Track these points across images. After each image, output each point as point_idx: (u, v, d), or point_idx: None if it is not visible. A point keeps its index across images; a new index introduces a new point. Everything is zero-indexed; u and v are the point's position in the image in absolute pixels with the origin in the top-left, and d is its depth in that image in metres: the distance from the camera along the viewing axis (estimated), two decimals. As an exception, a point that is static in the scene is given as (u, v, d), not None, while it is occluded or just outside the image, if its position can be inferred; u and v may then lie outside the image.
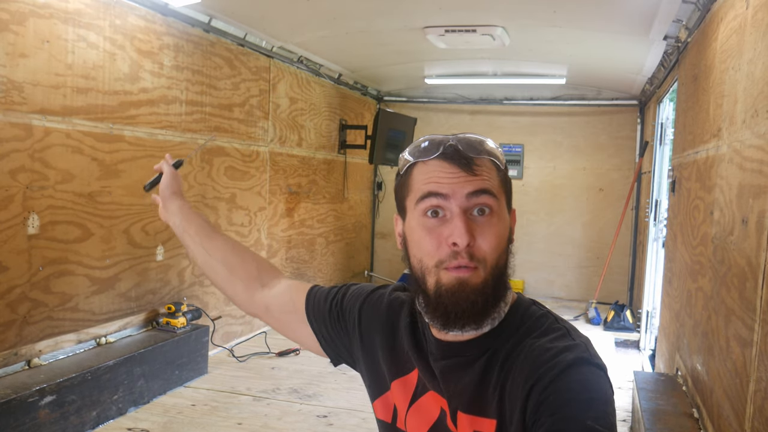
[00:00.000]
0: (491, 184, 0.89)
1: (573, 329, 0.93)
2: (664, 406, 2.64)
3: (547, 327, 0.91)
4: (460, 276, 0.87)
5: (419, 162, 0.91)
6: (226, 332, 4.30)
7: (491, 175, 0.90)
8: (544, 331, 0.91)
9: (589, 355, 0.86)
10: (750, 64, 1.95)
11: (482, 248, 0.87)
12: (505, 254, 0.91)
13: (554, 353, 0.85)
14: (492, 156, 0.91)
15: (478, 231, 0.87)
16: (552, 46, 4.75)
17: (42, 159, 2.80)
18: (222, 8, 3.78)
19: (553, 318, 0.94)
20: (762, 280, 1.65)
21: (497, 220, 0.89)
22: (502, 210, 0.91)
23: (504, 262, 0.91)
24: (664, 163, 4.61)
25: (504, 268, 0.91)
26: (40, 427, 2.60)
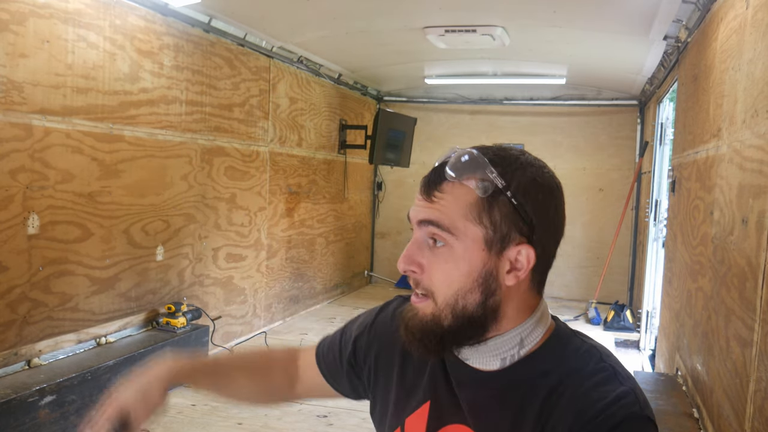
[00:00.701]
0: (445, 215, 0.80)
1: (620, 367, 0.83)
2: (664, 406, 2.64)
3: (593, 366, 0.81)
4: (413, 302, 0.84)
5: None
6: (226, 332, 4.30)
7: (454, 206, 0.80)
8: (591, 372, 0.81)
9: (640, 407, 0.77)
10: (750, 64, 1.95)
11: (430, 279, 0.81)
12: (473, 296, 0.80)
13: (604, 404, 0.76)
14: (476, 182, 0.79)
15: (430, 261, 0.81)
16: (552, 46, 4.75)
17: (42, 159, 2.80)
18: (222, 8, 3.78)
19: (598, 354, 0.83)
20: (762, 280, 1.65)
21: (451, 256, 0.80)
22: (465, 246, 0.80)
23: (472, 303, 0.81)
24: (664, 163, 4.61)
25: (475, 311, 0.81)
26: (40, 427, 2.60)
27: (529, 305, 0.85)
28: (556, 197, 0.86)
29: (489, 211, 0.80)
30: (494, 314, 0.82)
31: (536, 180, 0.83)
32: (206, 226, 4.03)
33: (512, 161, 0.83)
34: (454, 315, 0.81)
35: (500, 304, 0.82)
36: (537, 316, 0.85)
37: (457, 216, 0.80)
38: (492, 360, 0.84)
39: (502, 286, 0.81)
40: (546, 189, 0.84)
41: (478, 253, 0.80)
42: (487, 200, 0.79)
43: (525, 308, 0.84)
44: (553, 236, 0.86)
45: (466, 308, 0.81)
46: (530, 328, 0.84)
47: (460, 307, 0.81)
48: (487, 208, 0.80)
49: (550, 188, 0.85)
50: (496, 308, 0.82)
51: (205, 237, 4.03)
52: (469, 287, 0.81)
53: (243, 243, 4.46)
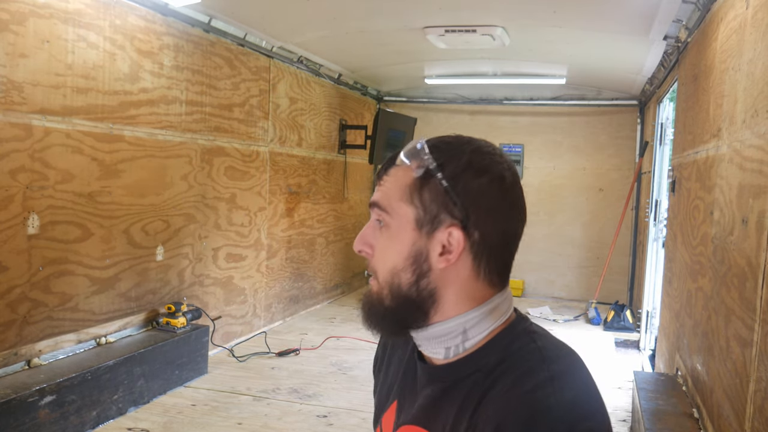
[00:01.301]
0: (385, 197, 0.84)
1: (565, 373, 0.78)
2: (664, 406, 2.64)
3: (527, 369, 0.78)
4: (369, 283, 0.88)
5: None
6: (226, 332, 4.30)
7: (393, 187, 0.83)
8: (522, 375, 0.77)
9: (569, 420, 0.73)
10: (750, 64, 1.95)
11: (375, 259, 0.85)
12: (405, 275, 0.82)
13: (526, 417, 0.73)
14: (414, 163, 0.82)
15: (377, 242, 0.85)
16: (552, 46, 4.75)
17: (42, 159, 2.80)
18: (222, 8, 3.78)
19: (541, 357, 0.79)
20: (762, 280, 1.65)
21: (387, 234, 0.84)
22: (398, 225, 0.83)
23: (405, 282, 0.82)
24: (664, 163, 4.61)
25: (409, 290, 0.82)
26: (40, 427, 2.60)
27: (473, 295, 0.83)
28: (500, 184, 0.82)
29: (420, 191, 0.81)
30: (431, 297, 0.83)
31: (472, 164, 0.81)
32: (206, 226, 4.03)
33: (453, 147, 0.83)
34: (392, 294, 0.83)
35: (436, 287, 0.83)
36: (485, 308, 0.84)
37: (394, 196, 0.83)
38: (437, 347, 0.85)
39: (435, 269, 0.82)
40: (485, 174, 0.81)
41: (410, 233, 0.82)
42: (419, 181, 0.81)
43: (468, 298, 0.83)
44: (497, 223, 0.82)
45: (400, 287, 0.83)
46: (475, 319, 0.83)
47: (395, 286, 0.83)
48: (418, 189, 0.82)
49: (491, 174, 0.82)
50: (432, 291, 0.83)
51: (205, 237, 4.03)
52: (402, 266, 0.83)
53: (243, 243, 4.46)
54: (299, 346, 4.37)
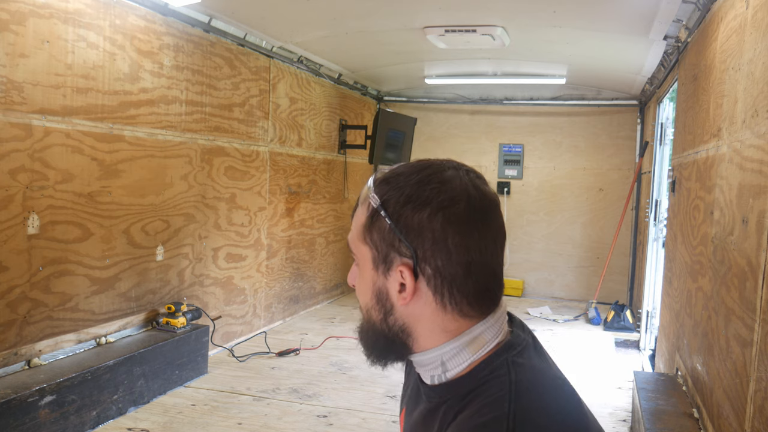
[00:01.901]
0: (351, 236, 0.86)
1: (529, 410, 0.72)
2: (664, 406, 2.64)
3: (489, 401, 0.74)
4: None
5: None
6: (226, 332, 4.30)
7: (355, 227, 0.85)
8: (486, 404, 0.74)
9: None
10: (750, 64, 1.95)
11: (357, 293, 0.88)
12: (375, 310, 0.83)
13: None
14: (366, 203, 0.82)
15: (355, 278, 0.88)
16: (552, 46, 4.75)
17: (42, 159, 2.80)
18: (222, 8, 3.78)
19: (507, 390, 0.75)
20: (762, 280, 1.65)
21: (359, 273, 0.86)
22: (363, 265, 0.84)
23: (375, 318, 0.83)
24: (664, 163, 4.61)
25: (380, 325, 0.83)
26: (40, 427, 2.60)
27: (446, 329, 0.80)
28: (445, 216, 0.76)
29: (370, 231, 0.80)
30: (403, 332, 0.82)
31: (411, 198, 0.77)
32: (206, 226, 4.03)
33: (398, 180, 0.79)
34: (369, 328, 0.85)
35: (405, 323, 0.81)
36: (462, 340, 0.80)
37: (355, 237, 0.84)
38: (424, 373, 0.86)
39: (397, 306, 0.81)
40: (425, 208, 0.76)
41: (370, 272, 0.82)
42: (369, 220, 0.80)
43: (440, 330, 0.80)
44: (451, 255, 0.77)
45: (374, 323, 0.84)
46: (452, 351, 0.80)
47: (371, 322, 0.85)
48: (369, 228, 0.81)
49: (431, 207, 0.76)
50: (402, 327, 0.82)
51: (205, 237, 4.03)
52: (371, 304, 0.84)
53: (243, 243, 4.46)
54: (299, 346, 4.37)
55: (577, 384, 0.83)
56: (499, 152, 6.69)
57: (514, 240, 6.60)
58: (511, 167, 6.66)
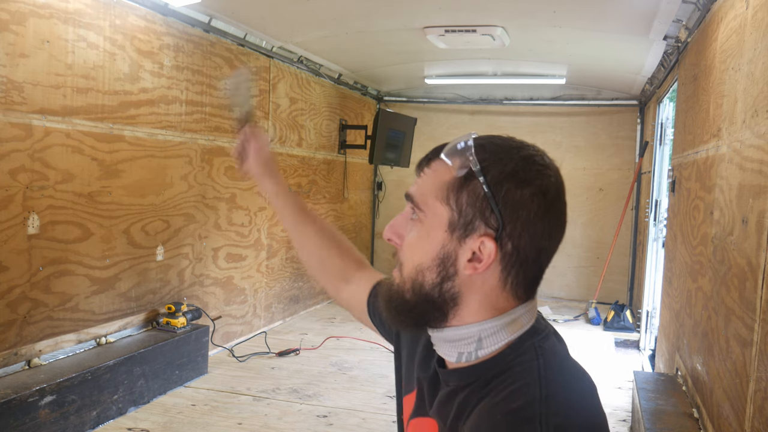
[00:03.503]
0: (420, 191, 0.81)
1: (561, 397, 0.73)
2: (664, 406, 2.64)
3: (519, 386, 0.74)
4: (394, 271, 0.86)
5: None
6: (226, 332, 4.30)
7: (430, 182, 0.80)
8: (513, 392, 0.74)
9: None
10: (750, 64, 1.95)
11: (403, 251, 0.84)
12: (429, 275, 0.80)
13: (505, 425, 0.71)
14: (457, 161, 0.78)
15: (405, 233, 0.84)
16: (552, 46, 4.75)
17: (42, 159, 2.80)
18: (222, 8, 3.78)
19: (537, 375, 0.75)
20: (762, 280, 1.65)
21: (417, 229, 0.82)
22: (430, 223, 0.80)
23: (428, 282, 0.80)
24: (664, 163, 4.61)
25: (430, 291, 0.80)
26: (40, 427, 2.60)
27: (496, 305, 0.80)
28: (544, 198, 0.78)
29: (457, 193, 0.78)
30: (453, 301, 0.80)
31: (518, 173, 0.77)
32: (206, 226, 4.03)
33: (500, 150, 0.78)
34: (413, 290, 0.81)
35: (459, 292, 0.80)
36: (504, 319, 0.80)
37: (429, 193, 0.80)
38: (450, 350, 0.83)
39: (461, 274, 0.79)
40: (529, 186, 0.77)
41: (440, 233, 0.79)
42: (458, 182, 0.77)
43: (490, 307, 0.80)
44: (533, 238, 0.78)
45: (423, 286, 0.80)
46: (493, 329, 0.80)
47: (418, 283, 0.81)
48: (456, 190, 0.78)
49: (535, 187, 0.77)
50: (455, 295, 0.80)
51: (205, 237, 4.03)
52: (428, 265, 0.80)
53: (243, 243, 4.46)
54: (299, 346, 4.37)
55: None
56: (499, 152, 6.68)
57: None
58: (511, 167, 6.65)
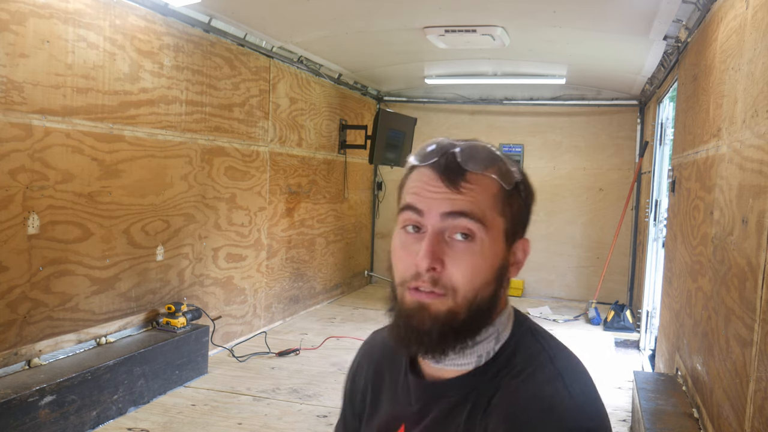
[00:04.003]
0: (477, 207, 0.78)
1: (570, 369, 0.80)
2: (664, 406, 2.64)
3: (536, 367, 0.80)
4: (420, 300, 0.79)
5: (416, 166, 0.83)
6: (226, 332, 4.30)
7: (483, 197, 0.79)
8: (532, 372, 0.79)
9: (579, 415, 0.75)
10: (750, 64, 1.95)
11: (452, 276, 0.78)
12: (491, 287, 0.81)
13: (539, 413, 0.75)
14: (498, 173, 0.80)
15: (451, 256, 0.78)
16: (552, 46, 4.75)
17: (42, 159, 2.80)
18: (222, 8, 3.78)
19: (548, 356, 0.82)
20: (762, 280, 1.65)
21: (479, 249, 0.78)
22: (492, 238, 0.80)
23: (487, 295, 0.80)
24: (664, 163, 4.61)
25: (488, 303, 0.81)
26: (40, 427, 2.60)
27: (504, 299, 0.86)
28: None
29: (509, 203, 0.82)
30: (497, 306, 0.84)
31: (528, 186, 0.86)
32: (206, 226, 4.03)
33: (513, 162, 0.85)
34: (470, 309, 0.79)
35: (502, 295, 0.84)
36: (509, 310, 0.87)
37: (486, 207, 0.79)
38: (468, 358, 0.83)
39: (506, 279, 0.84)
40: (534, 197, 0.88)
41: (500, 245, 0.82)
42: (508, 193, 0.81)
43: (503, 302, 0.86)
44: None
45: (482, 301, 0.80)
46: (504, 322, 0.85)
47: (477, 301, 0.80)
48: (507, 201, 0.81)
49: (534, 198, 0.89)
50: (498, 300, 0.84)
51: (205, 237, 4.03)
52: (489, 280, 0.80)
53: (243, 243, 4.46)
54: (299, 346, 4.37)
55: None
56: (499, 152, 6.68)
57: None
58: (511, 167, 6.65)
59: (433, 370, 0.87)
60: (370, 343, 1.03)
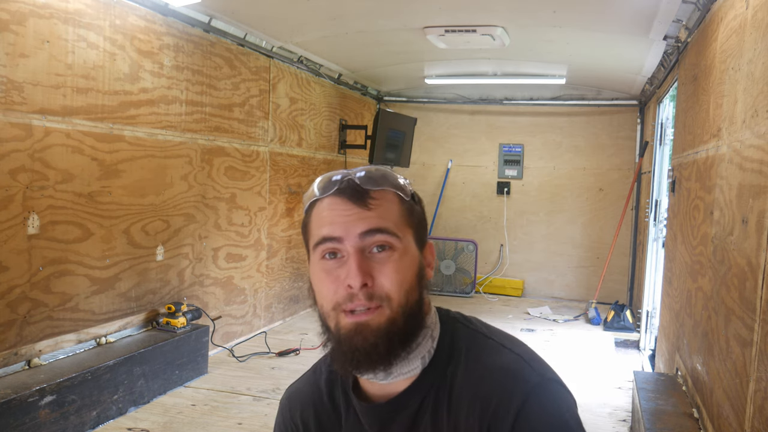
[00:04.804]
0: (389, 220, 0.84)
1: (508, 338, 0.89)
2: (664, 406, 2.64)
3: (480, 346, 0.87)
4: (358, 320, 0.82)
5: (317, 201, 0.89)
6: (226, 332, 4.30)
7: (390, 210, 0.85)
8: (479, 352, 0.86)
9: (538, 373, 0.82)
10: (750, 64, 1.95)
11: (384, 286, 0.83)
12: (416, 290, 0.86)
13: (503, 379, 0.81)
14: (395, 188, 0.87)
15: (377, 269, 0.83)
16: (552, 46, 4.75)
17: (42, 159, 2.80)
18: (222, 8, 3.78)
19: (483, 334, 0.90)
20: (762, 280, 1.65)
21: (399, 256, 0.84)
22: (407, 245, 0.86)
23: (415, 298, 0.86)
24: (664, 163, 4.61)
25: (417, 305, 0.86)
26: (40, 427, 2.60)
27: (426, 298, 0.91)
28: None
29: (411, 213, 0.89)
30: (423, 308, 0.89)
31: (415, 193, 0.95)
32: (206, 226, 4.03)
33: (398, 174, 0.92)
34: (404, 314, 0.84)
35: (426, 298, 0.90)
36: (432, 309, 0.92)
37: (396, 220, 0.86)
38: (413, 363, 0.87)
39: (425, 281, 0.89)
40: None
41: (414, 251, 0.88)
42: (410, 205, 0.89)
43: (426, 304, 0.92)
44: None
45: (413, 304, 0.85)
46: (432, 319, 0.90)
47: (409, 305, 0.85)
48: (409, 210, 0.88)
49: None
50: (424, 302, 0.89)
51: (205, 237, 4.03)
52: (414, 284, 0.86)
53: (243, 243, 4.46)
54: (299, 346, 4.37)
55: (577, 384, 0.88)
56: (499, 152, 6.69)
57: (514, 240, 6.60)
58: (511, 167, 6.66)
59: (379, 389, 0.89)
60: (291, 399, 1.04)
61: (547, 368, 0.85)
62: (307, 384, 1.01)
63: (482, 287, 6.55)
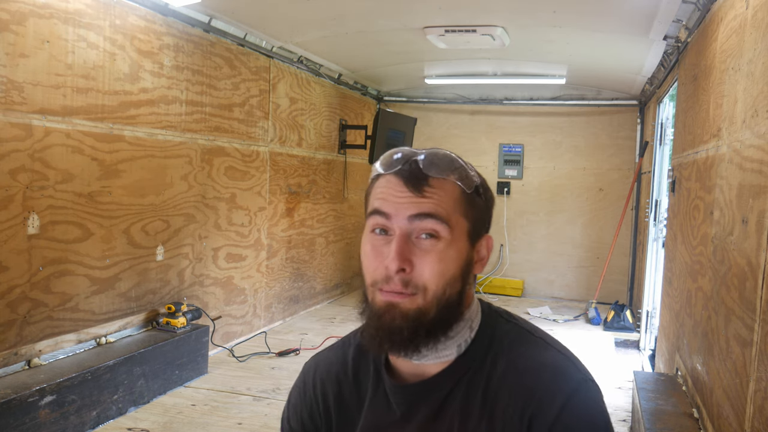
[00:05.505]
0: (441, 208, 0.83)
1: (550, 337, 0.91)
2: (664, 406, 2.64)
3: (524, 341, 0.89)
4: (390, 300, 0.83)
5: (381, 174, 0.88)
6: (226, 332, 4.30)
7: (446, 200, 0.84)
8: (524, 346, 0.88)
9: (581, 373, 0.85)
10: (750, 64, 1.95)
11: (422, 275, 0.82)
12: (457, 284, 0.86)
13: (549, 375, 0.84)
14: (459, 178, 0.86)
15: (419, 256, 0.82)
16: (552, 46, 4.75)
17: (42, 159, 2.80)
18: (222, 8, 3.78)
19: (526, 330, 0.92)
20: (762, 280, 1.65)
21: (445, 248, 0.83)
22: (456, 237, 0.85)
23: (456, 290, 0.86)
24: (664, 163, 4.61)
25: (456, 298, 0.86)
26: (40, 427, 2.60)
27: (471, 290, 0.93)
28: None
29: (471, 205, 0.87)
30: (464, 302, 0.89)
31: (489, 188, 0.94)
32: (206, 226, 4.03)
33: (467, 166, 0.90)
34: (439, 306, 0.84)
35: (469, 290, 0.90)
36: (476, 302, 0.93)
37: (450, 208, 0.84)
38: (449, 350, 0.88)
39: (472, 275, 0.90)
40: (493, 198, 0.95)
41: (464, 244, 0.86)
42: (470, 196, 0.87)
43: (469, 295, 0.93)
44: None
45: (450, 298, 0.85)
46: (475, 309, 0.92)
47: (445, 298, 0.84)
48: (470, 203, 0.87)
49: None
50: (465, 295, 0.89)
51: (205, 237, 4.03)
52: (456, 276, 0.86)
53: (243, 243, 4.46)
54: (299, 346, 4.37)
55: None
56: (499, 152, 6.69)
57: (514, 240, 6.60)
58: (511, 167, 6.66)
59: (412, 368, 0.90)
60: (316, 367, 1.02)
61: (587, 369, 0.87)
62: (335, 354, 1.01)
63: (482, 287, 6.54)
